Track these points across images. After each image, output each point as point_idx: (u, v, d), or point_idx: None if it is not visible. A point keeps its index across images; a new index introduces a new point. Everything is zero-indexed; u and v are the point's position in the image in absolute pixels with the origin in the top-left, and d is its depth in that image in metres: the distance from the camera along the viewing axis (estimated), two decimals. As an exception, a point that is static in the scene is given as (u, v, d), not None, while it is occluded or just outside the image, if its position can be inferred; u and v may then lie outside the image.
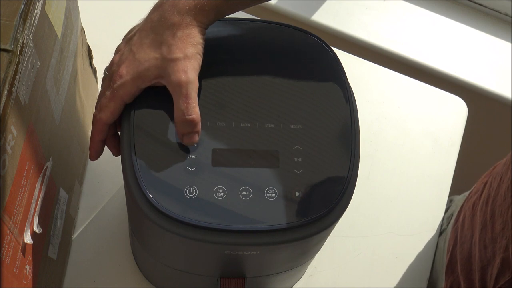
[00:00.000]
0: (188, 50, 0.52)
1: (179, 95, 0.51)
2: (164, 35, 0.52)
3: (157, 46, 0.52)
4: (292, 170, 0.52)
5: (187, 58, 0.52)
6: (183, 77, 0.51)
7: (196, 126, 0.52)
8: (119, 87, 0.52)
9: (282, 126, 0.54)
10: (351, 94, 0.56)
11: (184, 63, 0.52)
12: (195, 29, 0.53)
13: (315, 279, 0.75)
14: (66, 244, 0.70)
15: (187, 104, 0.51)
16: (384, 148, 0.85)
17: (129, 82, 0.52)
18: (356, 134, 0.54)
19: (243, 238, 0.50)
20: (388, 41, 1.12)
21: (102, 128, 0.55)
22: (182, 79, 0.51)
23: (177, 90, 0.51)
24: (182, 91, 0.51)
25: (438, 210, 0.83)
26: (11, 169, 0.46)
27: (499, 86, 1.12)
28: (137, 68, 0.52)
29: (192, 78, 0.51)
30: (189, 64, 0.52)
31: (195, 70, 0.52)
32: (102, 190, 0.76)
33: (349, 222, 0.77)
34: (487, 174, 0.74)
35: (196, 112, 0.51)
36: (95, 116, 0.55)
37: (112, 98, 0.53)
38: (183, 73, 0.51)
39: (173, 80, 0.51)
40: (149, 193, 0.49)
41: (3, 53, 0.44)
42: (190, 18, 0.52)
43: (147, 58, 0.52)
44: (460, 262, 0.70)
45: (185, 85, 0.51)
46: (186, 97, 0.51)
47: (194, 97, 0.52)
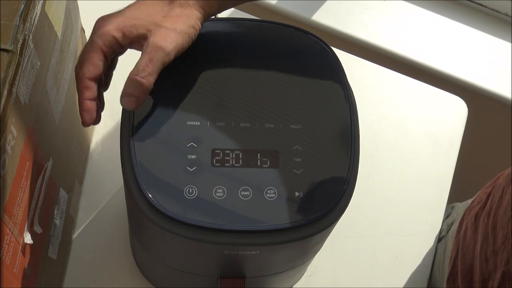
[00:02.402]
0: (180, 26, 0.51)
1: (146, 55, 0.50)
2: (162, 5, 0.52)
3: (152, 12, 0.52)
4: (292, 170, 0.52)
5: (174, 31, 0.51)
6: (161, 42, 0.50)
7: (141, 91, 0.50)
8: (98, 36, 0.51)
9: (282, 126, 0.54)
10: (351, 94, 0.56)
11: (170, 33, 0.51)
12: (194, 13, 0.52)
13: (315, 279, 0.75)
14: (66, 244, 0.70)
15: (146, 67, 0.50)
16: (384, 148, 0.85)
17: (110, 31, 0.51)
18: (356, 134, 0.54)
19: (242, 238, 0.50)
20: (388, 41, 1.12)
21: (86, 85, 0.51)
22: (158, 43, 0.50)
23: (147, 50, 0.50)
24: (150, 53, 0.50)
25: (438, 210, 0.83)
26: (11, 169, 0.46)
27: (499, 86, 1.12)
28: (123, 22, 0.52)
29: (168, 49, 0.50)
30: (174, 37, 0.51)
31: (177, 46, 0.51)
32: (102, 190, 0.76)
33: (349, 222, 0.77)
34: (490, 184, 0.74)
35: (150, 80, 0.50)
36: (76, 73, 0.52)
37: (91, 50, 0.51)
38: (163, 40, 0.50)
39: (151, 40, 0.50)
40: (149, 193, 0.49)
41: (3, 53, 0.44)
42: (194, 1, 0.52)
43: (137, 17, 0.51)
44: (461, 274, 0.69)
45: (158, 49, 0.50)
46: (150, 60, 0.50)
47: (157, 66, 0.50)
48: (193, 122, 0.53)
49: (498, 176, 0.73)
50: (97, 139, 0.80)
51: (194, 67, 0.56)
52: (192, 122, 0.53)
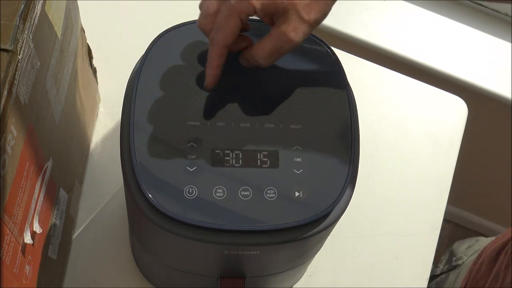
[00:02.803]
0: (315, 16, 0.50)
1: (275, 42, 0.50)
2: None
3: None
4: (292, 170, 0.52)
5: (307, 24, 0.50)
6: (292, 34, 0.50)
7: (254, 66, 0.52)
8: (238, 3, 0.49)
9: (282, 126, 0.54)
10: (351, 94, 0.56)
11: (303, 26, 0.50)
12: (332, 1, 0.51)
13: (315, 279, 0.75)
14: (66, 244, 0.70)
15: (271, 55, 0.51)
16: (384, 148, 0.85)
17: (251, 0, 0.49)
18: (356, 134, 0.54)
19: (242, 238, 0.50)
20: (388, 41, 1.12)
21: (222, 51, 0.52)
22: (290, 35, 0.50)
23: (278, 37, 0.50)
24: (280, 42, 0.50)
25: (438, 210, 0.83)
26: (11, 169, 0.46)
27: (499, 86, 1.13)
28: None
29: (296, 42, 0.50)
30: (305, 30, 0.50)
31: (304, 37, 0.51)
32: (102, 190, 0.76)
33: (349, 222, 0.77)
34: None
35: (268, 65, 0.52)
36: (213, 38, 0.51)
37: (230, 17, 0.50)
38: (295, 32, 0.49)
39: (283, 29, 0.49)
40: (149, 193, 0.49)
41: (3, 53, 0.44)
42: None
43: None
44: None
45: (288, 42, 0.50)
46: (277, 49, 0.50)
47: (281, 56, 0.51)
48: (193, 122, 0.53)
49: None
50: (97, 139, 0.80)
51: (195, 67, 0.56)
52: (192, 122, 0.53)
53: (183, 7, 0.91)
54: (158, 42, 0.57)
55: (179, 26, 0.58)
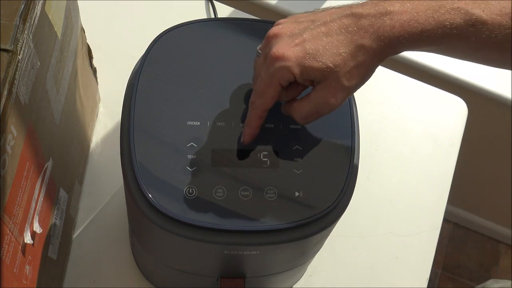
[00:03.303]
0: (355, 82, 0.49)
1: (314, 105, 0.49)
2: (347, 44, 0.47)
3: (334, 51, 0.47)
4: (292, 170, 0.52)
5: (347, 90, 0.49)
6: (332, 100, 0.49)
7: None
8: (277, 71, 0.48)
9: (282, 126, 0.54)
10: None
11: (343, 94, 0.49)
12: (375, 64, 0.49)
13: (315, 279, 0.75)
14: (66, 244, 0.70)
15: (309, 117, 0.50)
16: (384, 148, 0.85)
17: (291, 68, 0.48)
18: (356, 134, 0.54)
19: (242, 238, 0.50)
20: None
21: (262, 114, 0.52)
22: (329, 101, 0.48)
23: (316, 100, 0.49)
24: (318, 107, 0.49)
25: (438, 210, 0.83)
26: (11, 169, 0.46)
27: (499, 86, 1.12)
28: (303, 59, 0.47)
29: (335, 107, 0.49)
30: (344, 97, 0.49)
31: (343, 102, 0.50)
32: (102, 190, 0.76)
33: (349, 222, 0.77)
34: None
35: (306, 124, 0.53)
36: (253, 102, 0.51)
37: (270, 84, 0.49)
38: (334, 98, 0.49)
39: (322, 94, 0.48)
40: (149, 193, 0.49)
41: (3, 53, 0.44)
42: (377, 47, 0.47)
43: (318, 54, 0.47)
44: None
45: (326, 106, 0.49)
46: (315, 113, 0.50)
47: (318, 118, 0.51)
48: (193, 122, 0.53)
49: None
50: (97, 139, 0.80)
51: (194, 67, 0.56)
52: (192, 122, 0.53)
53: (183, 7, 0.91)
54: (158, 42, 0.57)
55: (179, 26, 0.58)
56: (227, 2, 0.92)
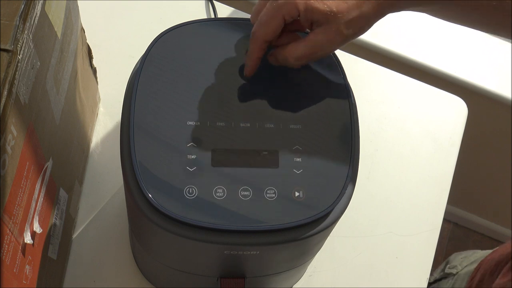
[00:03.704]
0: (352, 31, 0.51)
1: (310, 47, 0.51)
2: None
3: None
4: (292, 170, 0.52)
5: (343, 37, 0.51)
6: (327, 45, 0.51)
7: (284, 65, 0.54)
8: (285, 4, 0.50)
9: (282, 126, 0.54)
10: (351, 94, 0.56)
11: (338, 38, 0.51)
12: (374, 18, 0.52)
13: (315, 279, 0.75)
14: (66, 244, 0.70)
15: (304, 57, 0.52)
16: (384, 148, 0.85)
17: (298, 4, 0.50)
18: (356, 134, 0.54)
19: (243, 238, 0.50)
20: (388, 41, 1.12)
21: (262, 46, 0.53)
22: (324, 45, 0.51)
23: (313, 43, 0.51)
24: (314, 48, 0.51)
25: (438, 210, 0.83)
26: (11, 169, 0.46)
27: (499, 86, 1.13)
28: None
29: (329, 52, 0.52)
30: (339, 42, 0.51)
31: (336, 49, 0.53)
32: (102, 190, 0.76)
33: (349, 222, 0.77)
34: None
35: (298, 67, 0.54)
36: (255, 32, 0.53)
37: (274, 16, 0.51)
38: (329, 43, 0.51)
39: (320, 38, 0.51)
40: (149, 193, 0.49)
41: (3, 53, 0.44)
42: (386, 4, 0.51)
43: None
44: None
45: (321, 50, 0.51)
46: (310, 54, 0.52)
47: (311, 60, 0.53)
48: (193, 122, 0.53)
49: None
50: (97, 139, 0.80)
51: (194, 67, 0.56)
52: (192, 122, 0.53)
53: (183, 7, 0.91)
54: (158, 42, 0.57)
55: (179, 26, 0.58)
56: (227, 2, 0.92)
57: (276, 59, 0.55)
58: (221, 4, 0.91)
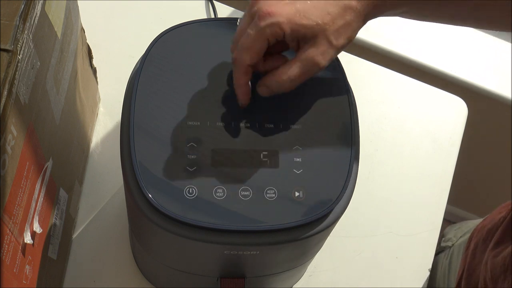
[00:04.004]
0: (342, 42, 0.50)
1: (301, 66, 0.50)
2: (333, 5, 0.49)
3: (323, 11, 0.49)
4: (292, 170, 0.52)
5: (335, 49, 0.50)
6: (319, 59, 0.50)
7: (279, 91, 0.52)
8: (268, 26, 0.48)
9: (282, 126, 0.54)
10: (351, 94, 0.56)
11: (330, 51, 0.50)
12: (358, 25, 0.51)
13: (315, 279, 0.75)
14: (66, 244, 0.70)
15: (297, 78, 0.50)
16: (384, 148, 0.85)
17: (281, 24, 0.48)
18: (356, 134, 0.54)
19: (243, 238, 0.50)
20: (388, 41, 1.12)
21: (247, 70, 0.51)
22: (317, 60, 0.50)
23: (304, 62, 0.50)
24: (306, 67, 0.50)
25: (438, 210, 0.83)
26: (11, 169, 0.46)
27: (499, 86, 1.13)
28: (294, 17, 0.49)
29: (322, 66, 0.50)
30: (332, 55, 0.50)
31: (329, 62, 0.51)
32: (102, 190, 0.76)
33: (349, 222, 0.77)
34: (506, 205, 0.73)
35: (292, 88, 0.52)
36: (236, 58, 0.51)
37: (257, 38, 0.49)
38: (322, 57, 0.50)
39: (311, 53, 0.49)
40: (149, 193, 0.49)
41: (3, 53, 0.44)
42: (362, 6, 0.50)
43: (308, 14, 0.49)
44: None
45: (314, 66, 0.50)
46: (303, 74, 0.50)
47: (305, 79, 0.51)
48: (193, 122, 0.53)
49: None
50: (97, 139, 0.80)
51: (194, 67, 0.56)
52: (192, 122, 0.53)
53: (183, 7, 0.91)
54: (158, 42, 0.57)
55: (179, 26, 0.58)
56: (227, 2, 0.92)
57: (267, 87, 0.53)
58: (221, 4, 0.91)
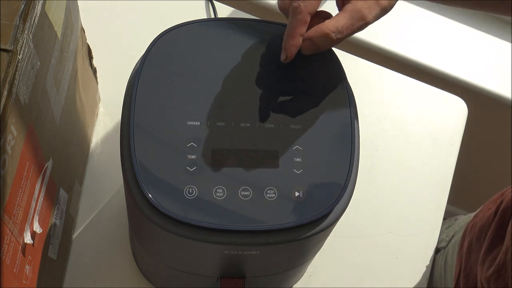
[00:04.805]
0: (390, 7, 0.52)
1: (349, 18, 0.51)
2: None
3: None
4: (292, 170, 0.52)
5: (380, 6, 0.51)
6: (366, 13, 0.51)
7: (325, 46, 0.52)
8: None
9: (282, 126, 0.54)
10: (351, 94, 0.56)
11: (376, 7, 0.51)
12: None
13: (315, 279, 0.75)
14: (66, 244, 0.70)
15: (345, 29, 0.51)
16: (384, 148, 0.85)
17: None
18: (356, 134, 0.54)
19: (242, 238, 0.50)
20: (388, 41, 1.12)
21: (306, 19, 0.50)
22: (364, 13, 0.51)
23: (352, 14, 0.51)
24: (353, 19, 0.50)
25: (438, 210, 0.83)
26: (11, 169, 0.46)
27: (499, 86, 1.13)
28: None
29: (369, 21, 0.51)
30: (378, 12, 0.51)
31: (375, 20, 0.52)
32: (102, 190, 0.76)
33: (349, 222, 0.77)
34: (494, 200, 0.73)
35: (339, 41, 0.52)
36: (297, 6, 0.50)
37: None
38: (369, 11, 0.51)
39: (359, 6, 0.50)
40: (149, 193, 0.49)
41: (3, 53, 0.44)
42: None
43: None
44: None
45: (361, 19, 0.51)
46: (351, 25, 0.51)
47: (352, 33, 0.52)
48: (193, 122, 0.53)
49: (502, 193, 0.73)
50: (97, 139, 0.80)
51: (195, 67, 0.56)
52: (192, 122, 0.53)
53: (183, 7, 0.91)
54: (158, 42, 0.57)
55: (179, 26, 0.58)
56: (227, 2, 0.92)
57: (311, 41, 0.51)
58: (221, 4, 0.91)
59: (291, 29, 0.51)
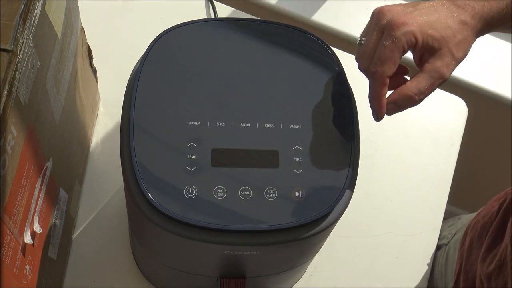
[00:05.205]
0: (461, 55, 0.54)
1: (429, 78, 0.53)
2: (454, 20, 0.53)
3: (445, 25, 0.52)
4: (292, 170, 0.52)
5: (456, 62, 0.54)
6: (445, 71, 0.53)
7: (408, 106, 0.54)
8: (403, 35, 0.51)
9: (282, 126, 0.54)
10: (351, 94, 0.56)
11: (453, 63, 0.53)
12: (473, 40, 0.54)
13: (315, 279, 0.75)
14: (66, 244, 0.70)
15: (426, 90, 0.53)
16: (384, 148, 0.85)
17: (414, 32, 0.51)
18: (356, 134, 0.54)
19: (242, 238, 0.50)
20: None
21: (385, 82, 0.53)
22: (443, 72, 0.53)
23: (431, 73, 0.53)
24: (433, 79, 0.53)
25: (438, 210, 0.83)
26: (11, 169, 0.46)
27: (499, 86, 1.12)
28: (424, 27, 0.52)
29: (446, 78, 0.54)
30: (453, 67, 0.54)
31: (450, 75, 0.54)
32: (102, 190, 0.76)
33: (349, 222, 0.77)
34: (497, 198, 0.74)
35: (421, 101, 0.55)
36: (376, 71, 0.53)
37: (393, 48, 0.52)
38: (447, 69, 0.53)
39: (438, 65, 0.52)
40: (149, 193, 0.49)
41: (3, 53, 0.44)
42: (476, 23, 0.54)
43: (434, 26, 0.52)
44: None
45: (440, 78, 0.53)
46: (431, 85, 0.53)
47: (432, 91, 0.54)
48: (193, 122, 0.53)
49: (506, 192, 0.73)
50: (97, 139, 0.80)
51: (194, 67, 0.56)
52: (192, 122, 0.53)
53: (183, 7, 0.91)
54: (158, 42, 0.57)
55: (179, 26, 0.58)
56: (227, 2, 0.92)
57: (395, 103, 0.54)
58: (221, 4, 0.91)
59: (374, 92, 0.53)
